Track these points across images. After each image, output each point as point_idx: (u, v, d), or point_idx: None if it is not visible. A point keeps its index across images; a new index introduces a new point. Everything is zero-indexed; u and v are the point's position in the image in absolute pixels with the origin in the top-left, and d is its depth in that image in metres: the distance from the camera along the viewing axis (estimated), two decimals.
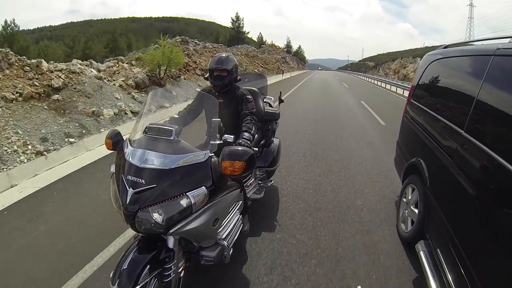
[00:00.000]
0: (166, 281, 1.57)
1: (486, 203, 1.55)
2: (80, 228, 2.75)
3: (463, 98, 2.03)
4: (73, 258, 2.32)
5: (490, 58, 1.76)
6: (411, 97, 3.26)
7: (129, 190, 1.47)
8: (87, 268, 2.21)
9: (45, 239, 2.58)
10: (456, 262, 1.68)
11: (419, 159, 2.55)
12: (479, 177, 1.67)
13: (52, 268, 2.23)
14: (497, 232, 1.42)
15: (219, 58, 2.42)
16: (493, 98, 1.71)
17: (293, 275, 2.20)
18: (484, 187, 1.59)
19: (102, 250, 2.40)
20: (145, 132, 1.71)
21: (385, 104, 12.99)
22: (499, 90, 1.68)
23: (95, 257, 2.32)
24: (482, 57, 1.92)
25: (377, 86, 25.78)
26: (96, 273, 2.17)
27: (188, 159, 1.56)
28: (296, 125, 7.19)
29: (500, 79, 1.68)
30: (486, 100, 1.75)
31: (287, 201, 3.35)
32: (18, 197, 3.36)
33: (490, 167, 1.55)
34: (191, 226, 1.54)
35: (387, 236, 2.73)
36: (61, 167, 4.26)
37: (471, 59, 2.16)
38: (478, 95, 1.80)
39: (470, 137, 1.77)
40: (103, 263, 2.26)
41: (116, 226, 2.60)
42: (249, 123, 2.26)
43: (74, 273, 2.16)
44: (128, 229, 2.20)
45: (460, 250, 1.66)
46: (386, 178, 4.11)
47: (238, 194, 2.08)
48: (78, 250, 2.41)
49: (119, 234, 2.58)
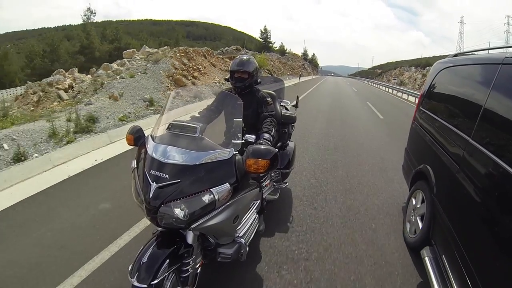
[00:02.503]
0: (184, 276, 1.59)
1: (492, 211, 1.56)
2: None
3: (471, 106, 2.05)
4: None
5: (498, 66, 1.78)
6: (420, 104, 3.27)
7: (153, 184, 1.48)
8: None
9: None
10: (461, 269, 1.68)
11: (427, 166, 2.55)
12: (485, 184, 1.68)
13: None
14: (503, 240, 1.43)
15: (241, 60, 2.45)
16: (500, 106, 1.73)
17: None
18: (490, 194, 1.60)
19: None
20: (169, 128, 1.73)
21: (375, 96, 20.91)
22: (507, 98, 1.69)
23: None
24: (490, 66, 1.94)
25: (377, 88, 33.73)
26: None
27: (213, 156, 1.58)
28: (318, 106, 11.38)
29: (508, 87, 1.69)
30: (493, 108, 1.76)
31: (314, 142, 5.97)
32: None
33: (497, 174, 1.56)
34: (212, 222, 1.56)
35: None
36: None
37: (480, 68, 2.17)
38: (486, 103, 1.81)
39: (477, 145, 1.79)
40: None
41: None
42: (269, 125, 2.28)
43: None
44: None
45: (466, 257, 1.66)
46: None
47: (257, 193, 2.11)
48: None
49: None
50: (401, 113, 11.87)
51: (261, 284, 2.11)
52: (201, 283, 1.77)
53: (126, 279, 1.43)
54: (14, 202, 3.22)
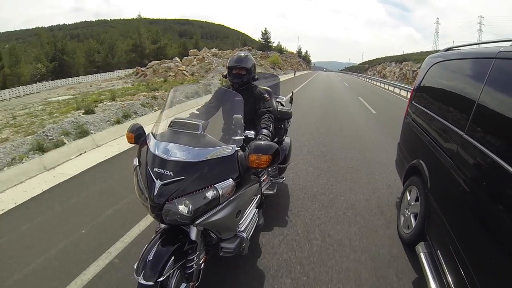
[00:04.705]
0: (188, 272, 1.62)
1: (486, 205, 1.56)
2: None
3: (465, 101, 2.04)
4: None
5: (492, 61, 1.77)
6: (412, 99, 3.27)
7: (157, 182, 1.50)
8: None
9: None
10: (456, 264, 1.69)
11: (420, 161, 2.55)
12: (479, 179, 1.68)
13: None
14: (497, 234, 1.43)
15: (239, 57, 2.49)
16: (494, 100, 1.72)
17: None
18: (485, 189, 1.60)
19: None
20: (170, 126, 1.75)
21: (355, 83, 29.88)
22: (500, 93, 1.69)
23: None
24: (483, 60, 1.93)
25: (357, 78, 45.10)
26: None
27: (216, 153, 1.61)
28: (314, 95, 14.39)
29: (501, 82, 1.68)
30: (487, 102, 1.76)
31: (312, 122, 7.50)
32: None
33: (491, 169, 1.55)
34: (216, 217, 1.58)
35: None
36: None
37: (473, 62, 2.16)
38: (479, 97, 1.80)
39: (471, 139, 1.78)
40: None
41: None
42: (267, 121, 2.32)
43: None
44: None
45: (460, 252, 1.66)
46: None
47: (258, 188, 2.16)
48: None
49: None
50: (359, 85, 26.62)
51: (262, 277, 2.14)
52: (204, 278, 1.80)
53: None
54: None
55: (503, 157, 1.45)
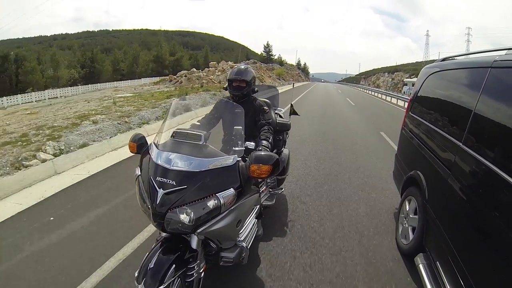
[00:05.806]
0: (188, 280, 1.63)
1: (484, 215, 1.53)
2: None
3: (461, 111, 2.04)
4: None
5: (487, 70, 1.78)
6: (409, 110, 3.27)
7: (159, 191, 1.52)
8: None
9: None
10: (455, 275, 1.65)
11: (418, 172, 2.53)
12: (477, 189, 1.66)
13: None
14: (496, 245, 1.40)
15: (239, 69, 2.55)
16: (490, 110, 1.72)
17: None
18: (483, 199, 1.58)
19: None
20: (173, 136, 1.78)
21: (353, 93, 31.65)
22: (497, 102, 1.69)
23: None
24: (479, 69, 1.94)
25: (353, 88, 49.60)
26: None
27: (217, 163, 1.64)
28: (315, 100, 18.24)
29: (497, 91, 1.69)
30: (483, 112, 1.75)
31: (311, 118, 9.58)
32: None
33: (489, 179, 1.54)
34: (218, 226, 1.60)
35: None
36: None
37: (469, 72, 2.17)
38: (476, 107, 1.80)
39: (468, 149, 1.77)
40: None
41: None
42: (267, 132, 2.37)
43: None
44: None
45: (460, 263, 1.63)
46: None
47: (257, 198, 2.18)
48: None
49: None
50: (351, 92, 32.23)
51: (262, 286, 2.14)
52: (203, 287, 1.81)
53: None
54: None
55: (500, 166, 1.43)
